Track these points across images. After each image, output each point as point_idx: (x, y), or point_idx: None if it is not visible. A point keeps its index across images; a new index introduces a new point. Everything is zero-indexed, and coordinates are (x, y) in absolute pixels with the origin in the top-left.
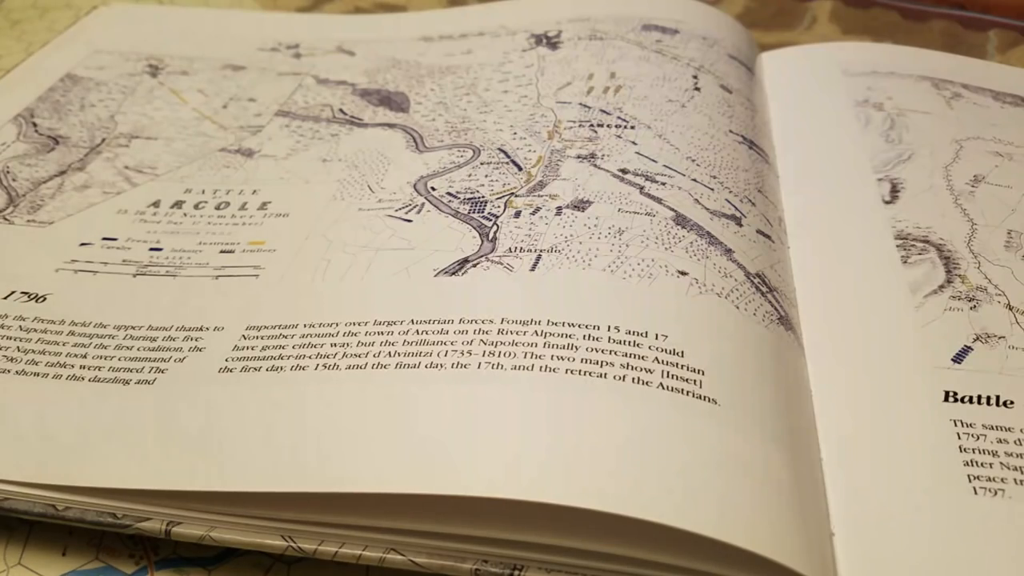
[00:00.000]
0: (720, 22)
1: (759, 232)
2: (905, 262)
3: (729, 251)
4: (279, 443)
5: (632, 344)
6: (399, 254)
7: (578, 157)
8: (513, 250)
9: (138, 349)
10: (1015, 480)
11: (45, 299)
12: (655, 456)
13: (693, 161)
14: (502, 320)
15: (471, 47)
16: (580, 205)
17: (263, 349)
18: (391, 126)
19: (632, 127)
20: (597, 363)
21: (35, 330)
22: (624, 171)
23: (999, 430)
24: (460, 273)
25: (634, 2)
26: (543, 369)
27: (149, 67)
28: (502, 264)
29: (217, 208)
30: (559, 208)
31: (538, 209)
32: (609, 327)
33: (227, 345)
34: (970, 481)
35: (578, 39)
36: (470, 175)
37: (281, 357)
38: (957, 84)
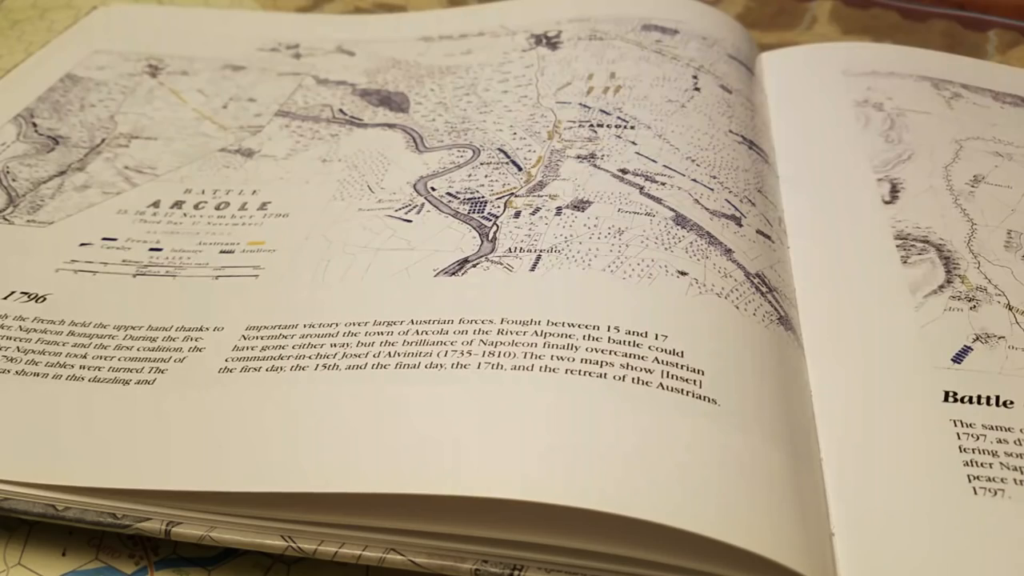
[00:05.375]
0: (720, 22)
1: (759, 232)
2: (905, 262)
3: (729, 251)
4: (279, 443)
5: (632, 344)
6: (399, 254)
7: (578, 157)
8: (513, 250)
9: (138, 349)
10: (1015, 480)
11: (45, 299)
12: (655, 456)
13: (693, 161)
14: (502, 320)
15: (471, 47)
16: (580, 205)
17: (263, 349)
18: (391, 126)
19: (632, 127)
20: (597, 363)
21: (35, 330)
22: (624, 171)
23: (999, 430)
24: (460, 273)
25: (634, 2)
26: (543, 369)
27: (149, 67)
28: (502, 264)
29: (217, 208)
30: (559, 208)
31: (538, 209)
32: (609, 327)
33: (227, 345)
34: (970, 481)
35: (578, 39)
36: (470, 175)
37: (281, 357)
38: (957, 84)
